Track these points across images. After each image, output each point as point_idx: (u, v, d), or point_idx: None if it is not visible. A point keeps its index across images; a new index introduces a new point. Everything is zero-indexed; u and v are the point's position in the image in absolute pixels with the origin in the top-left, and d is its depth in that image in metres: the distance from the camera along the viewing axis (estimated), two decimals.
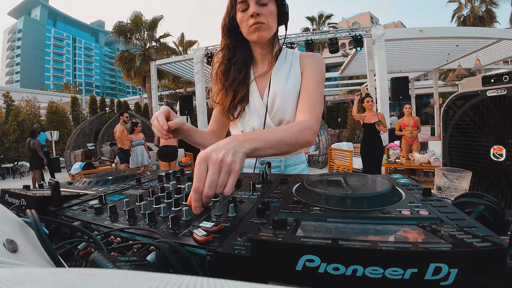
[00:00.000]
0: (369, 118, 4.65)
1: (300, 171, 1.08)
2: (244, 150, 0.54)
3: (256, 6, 0.86)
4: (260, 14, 0.87)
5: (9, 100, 11.62)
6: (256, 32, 0.89)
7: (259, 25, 0.87)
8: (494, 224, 0.47)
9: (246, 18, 0.89)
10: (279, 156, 1.04)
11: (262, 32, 0.90)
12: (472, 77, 1.55)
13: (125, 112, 6.33)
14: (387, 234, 0.37)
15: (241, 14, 0.90)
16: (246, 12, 0.88)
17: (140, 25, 15.58)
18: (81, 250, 0.40)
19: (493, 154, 1.18)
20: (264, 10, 0.87)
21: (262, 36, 0.90)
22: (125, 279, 0.14)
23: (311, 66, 0.98)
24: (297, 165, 1.08)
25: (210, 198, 0.47)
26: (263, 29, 0.89)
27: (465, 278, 0.25)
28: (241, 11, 0.89)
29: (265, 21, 0.88)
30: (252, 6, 0.86)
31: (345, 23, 54.13)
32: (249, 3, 0.87)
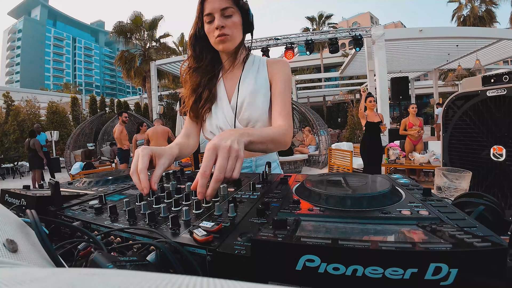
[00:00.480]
0: (372, 118, 4.63)
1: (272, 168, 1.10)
2: (244, 141, 0.59)
3: (220, 18, 0.92)
4: (225, 26, 0.92)
5: (9, 100, 11.62)
6: (221, 43, 0.95)
7: (224, 37, 0.93)
8: (494, 224, 0.47)
9: (212, 30, 0.94)
10: (250, 156, 1.09)
11: (227, 44, 0.96)
12: (472, 77, 1.55)
13: (124, 112, 6.34)
14: (387, 234, 0.37)
15: (208, 25, 0.95)
16: (212, 24, 0.94)
17: (140, 25, 15.57)
18: (81, 250, 0.40)
19: (493, 154, 1.18)
20: (229, 22, 0.93)
21: (227, 46, 0.97)
22: (125, 279, 0.14)
23: (280, 73, 1.04)
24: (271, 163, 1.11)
25: (219, 183, 0.50)
26: (228, 40, 0.95)
27: (465, 278, 0.25)
28: (207, 22, 0.95)
29: (229, 33, 0.94)
30: (217, 19, 0.91)
31: (345, 23, 54.13)
32: (214, 15, 0.92)
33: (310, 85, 22.50)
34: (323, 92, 21.88)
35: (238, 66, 1.07)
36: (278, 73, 1.04)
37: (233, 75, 1.07)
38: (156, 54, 15.50)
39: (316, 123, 8.15)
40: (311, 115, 8.40)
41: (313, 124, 8.30)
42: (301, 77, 19.11)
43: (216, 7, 0.91)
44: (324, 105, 21.13)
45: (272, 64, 1.06)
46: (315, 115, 8.60)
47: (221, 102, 1.05)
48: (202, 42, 1.01)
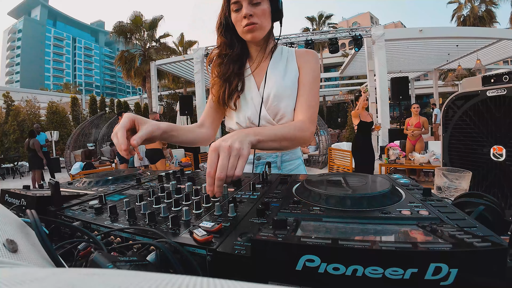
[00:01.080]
0: (365, 117, 4.65)
1: (296, 166, 1.10)
2: (249, 140, 0.60)
3: (248, 6, 0.88)
4: (253, 14, 0.88)
5: (9, 100, 11.62)
6: (250, 33, 0.91)
7: (252, 26, 0.89)
8: (494, 224, 0.47)
9: (240, 19, 0.90)
10: (276, 152, 1.06)
11: (256, 33, 0.92)
12: (472, 77, 1.55)
13: (124, 112, 6.34)
14: (387, 234, 0.37)
15: (235, 14, 0.91)
16: (240, 12, 0.89)
17: (140, 25, 15.57)
18: (81, 250, 0.40)
19: (493, 154, 1.18)
20: (257, 10, 0.89)
21: (255, 36, 0.93)
22: (125, 279, 0.14)
23: (309, 64, 1.00)
24: (293, 161, 1.09)
25: (223, 182, 0.53)
26: (256, 29, 0.91)
27: (465, 278, 0.25)
28: (234, 10, 0.91)
29: (258, 21, 0.89)
30: (245, 7, 0.87)
31: (345, 23, 54.13)
32: (242, 3, 0.88)
33: None
34: (323, 92, 21.89)
35: (266, 56, 1.03)
36: (307, 62, 1.00)
37: (261, 65, 1.03)
38: (156, 54, 15.50)
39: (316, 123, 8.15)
40: None
41: None
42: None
43: None
44: (324, 105, 21.13)
45: (301, 54, 1.03)
46: None
47: (250, 92, 1.01)
48: (230, 31, 0.97)
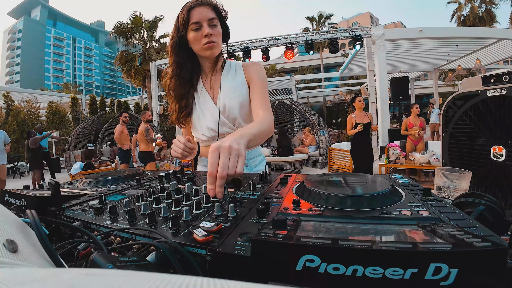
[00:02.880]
0: (361, 119, 4.64)
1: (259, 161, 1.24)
2: (244, 141, 0.66)
3: (209, 27, 1.01)
4: (212, 34, 1.02)
5: (9, 100, 11.62)
6: (209, 50, 1.04)
7: (212, 44, 1.03)
8: (494, 224, 0.47)
9: (200, 37, 1.02)
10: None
11: (214, 50, 1.05)
12: (472, 77, 1.55)
13: (124, 112, 6.34)
14: (387, 234, 0.37)
15: (194, 33, 1.02)
16: (199, 31, 1.02)
17: (140, 25, 15.55)
18: (81, 250, 0.40)
19: (493, 154, 1.18)
20: (214, 30, 1.03)
21: (214, 53, 1.06)
22: (125, 279, 0.14)
23: (256, 73, 1.16)
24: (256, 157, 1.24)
25: (224, 180, 0.55)
26: (215, 47, 1.04)
27: (465, 278, 0.25)
28: (193, 30, 1.02)
29: (216, 40, 1.03)
30: (205, 27, 1.01)
31: (345, 23, 54.12)
32: (202, 24, 1.01)
33: (310, 85, 22.51)
34: (323, 92, 21.88)
35: (218, 70, 1.17)
36: (254, 73, 1.16)
37: (214, 78, 1.16)
38: (156, 54, 15.49)
39: (316, 123, 8.15)
40: (311, 115, 8.40)
41: (313, 124, 8.30)
42: (301, 77, 19.11)
43: (203, 17, 1.00)
44: (324, 105, 21.13)
45: (248, 66, 1.19)
46: (315, 115, 8.60)
47: (207, 105, 1.14)
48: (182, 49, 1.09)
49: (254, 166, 1.21)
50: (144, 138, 5.27)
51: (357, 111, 4.74)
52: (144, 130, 5.28)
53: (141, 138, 5.36)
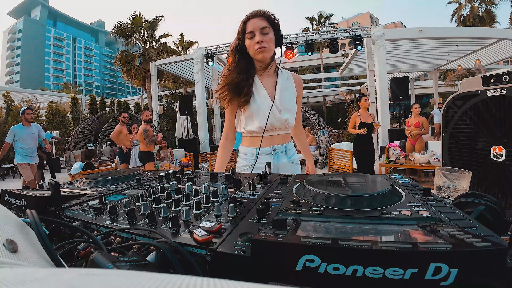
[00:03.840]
0: (365, 118, 4.65)
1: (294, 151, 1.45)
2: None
3: (260, 35, 1.19)
4: (264, 41, 1.19)
5: (9, 100, 11.62)
6: (261, 53, 1.21)
7: (263, 48, 1.20)
8: (494, 224, 0.47)
9: (253, 44, 1.21)
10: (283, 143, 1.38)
11: (265, 53, 1.22)
12: (472, 77, 1.55)
13: (123, 112, 6.34)
14: (387, 234, 0.37)
15: (249, 41, 1.22)
16: (253, 39, 1.20)
17: (140, 25, 15.54)
18: (81, 250, 0.40)
19: (493, 154, 1.18)
20: (266, 37, 1.20)
21: (265, 56, 1.23)
22: (125, 279, 0.14)
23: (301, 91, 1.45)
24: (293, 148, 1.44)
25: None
26: (266, 51, 1.21)
27: (465, 278, 0.25)
28: (249, 38, 1.22)
29: (267, 46, 1.20)
30: (257, 35, 1.19)
31: (345, 23, 54.10)
32: (255, 33, 1.20)
33: (310, 85, 22.51)
34: (323, 92, 21.87)
35: (271, 73, 1.34)
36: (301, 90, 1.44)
37: (268, 79, 1.33)
38: (156, 54, 15.48)
39: (316, 123, 8.15)
40: (311, 115, 8.40)
41: (313, 124, 8.30)
42: (301, 77, 19.10)
43: (256, 27, 1.19)
44: (324, 105, 21.12)
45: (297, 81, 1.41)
46: (315, 115, 8.60)
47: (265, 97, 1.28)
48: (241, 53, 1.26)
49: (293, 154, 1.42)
50: (143, 139, 5.27)
51: (362, 111, 4.74)
52: (143, 131, 5.28)
53: (141, 139, 5.37)
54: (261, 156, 1.32)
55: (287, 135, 1.40)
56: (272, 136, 1.33)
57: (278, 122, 1.28)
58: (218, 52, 8.70)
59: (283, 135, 1.36)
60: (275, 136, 1.34)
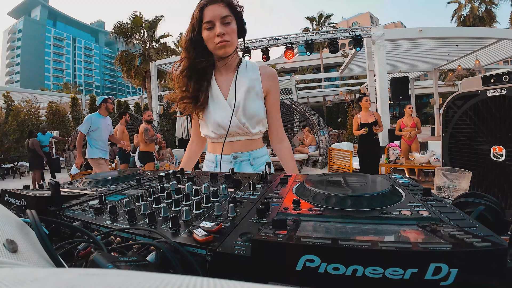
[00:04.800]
0: (366, 118, 4.66)
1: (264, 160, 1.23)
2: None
3: (221, 26, 0.99)
4: (225, 33, 1.00)
5: (9, 100, 11.63)
6: (222, 48, 1.03)
7: (225, 43, 1.01)
8: (494, 224, 0.47)
9: (213, 36, 1.01)
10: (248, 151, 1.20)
11: (227, 49, 1.04)
12: (472, 77, 1.55)
13: (126, 112, 6.34)
14: (387, 234, 0.37)
15: (207, 32, 1.02)
16: (212, 30, 1.01)
17: (140, 25, 15.56)
18: (81, 250, 0.40)
19: (493, 154, 1.18)
20: (228, 29, 1.01)
21: (227, 51, 1.05)
22: (125, 279, 0.14)
23: (274, 87, 1.20)
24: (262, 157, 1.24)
25: None
26: (228, 46, 1.03)
27: (465, 278, 0.25)
28: (206, 29, 1.02)
29: (229, 39, 1.02)
30: (218, 26, 0.99)
31: (345, 23, 54.14)
32: (215, 23, 0.99)
33: (310, 85, 22.52)
34: (323, 92, 21.88)
35: (232, 68, 1.15)
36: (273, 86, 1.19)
37: (227, 76, 1.15)
38: (156, 54, 15.49)
39: (316, 123, 8.15)
40: (311, 115, 8.40)
41: (313, 124, 8.30)
42: (301, 77, 19.11)
43: (216, 15, 0.98)
44: (324, 105, 21.13)
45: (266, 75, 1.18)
46: (315, 115, 8.60)
47: (218, 101, 1.13)
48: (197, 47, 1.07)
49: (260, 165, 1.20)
50: (144, 138, 5.27)
51: (363, 111, 4.75)
52: (143, 130, 5.28)
53: (141, 138, 5.37)
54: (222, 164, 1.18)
55: (253, 141, 1.19)
56: (231, 142, 1.17)
57: (235, 126, 1.11)
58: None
59: (245, 141, 1.18)
60: (235, 143, 1.17)
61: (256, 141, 1.21)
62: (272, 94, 1.19)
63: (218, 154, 1.18)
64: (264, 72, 1.18)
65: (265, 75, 1.18)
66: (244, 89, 1.11)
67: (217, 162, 1.19)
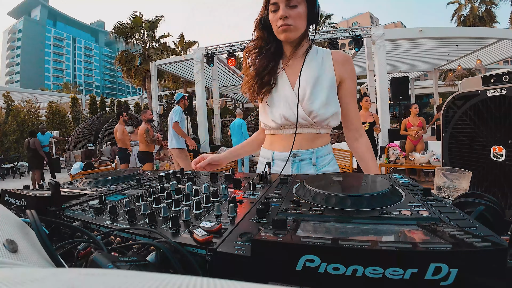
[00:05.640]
0: (365, 118, 4.67)
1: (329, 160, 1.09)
2: None
3: (285, 9, 0.92)
4: (289, 16, 0.92)
5: (9, 100, 11.63)
6: (284, 33, 0.96)
7: (286, 27, 0.94)
8: (494, 224, 0.47)
9: (276, 19, 0.95)
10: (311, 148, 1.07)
11: (289, 33, 0.96)
12: (472, 77, 1.55)
13: (124, 111, 6.33)
14: (387, 234, 0.37)
15: (272, 14, 0.96)
16: (277, 13, 0.94)
17: (140, 25, 15.57)
18: (81, 250, 0.40)
19: (493, 154, 1.18)
20: (293, 12, 0.93)
21: (288, 36, 0.97)
22: (125, 279, 0.14)
23: (351, 73, 1.06)
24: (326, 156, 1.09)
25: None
26: (290, 30, 0.95)
27: (465, 278, 0.25)
28: (272, 11, 0.96)
29: (292, 23, 0.93)
30: (282, 9, 0.92)
31: (345, 23, 54.16)
32: (279, 5, 0.93)
33: None
34: None
35: (300, 56, 1.05)
36: (349, 72, 1.05)
37: (294, 64, 1.06)
38: (156, 54, 15.50)
39: None
40: None
41: None
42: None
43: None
44: None
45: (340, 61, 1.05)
46: None
47: (284, 90, 1.04)
48: (265, 29, 1.02)
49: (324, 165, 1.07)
50: (144, 139, 5.26)
51: (362, 111, 4.77)
52: (144, 130, 5.27)
53: (141, 139, 5.35)
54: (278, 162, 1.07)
55: (317, 136, 1.05)
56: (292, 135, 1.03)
57: (299, 117, 1.00)
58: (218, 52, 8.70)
59: (309, 135, 1.04)
60: (297, 136, 1.03)
61: (321, 137, 1.07)
62: (347, 82, 1.05)
63: (276, 150, 1.08)
64: (337, 57, 1.05)
65: (339, 60, 1.05)
66: (313, 77, 1.00)
67: (275, 160, 1.08)
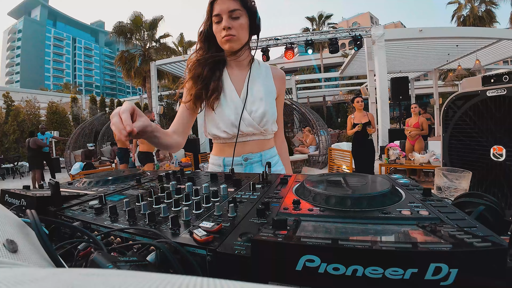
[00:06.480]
0: (359, 119, 4.67)
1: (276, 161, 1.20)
2: None
3: (228, 20, 0.98)
4: (232, 27, 0.98)
5: (9, 100, 11.63)
6: (228, 43, 1.01)
7: (230, 37, 0.99)
8: (494, 224, 0.47)
9: (220, 30, 1.00)
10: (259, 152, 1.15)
11: (233, 43, 1.01)
12: (472, 77, 1.55)
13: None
14: (387, 234, 0.37)
15: (216, 25, 1.01)
16: (220, 24, 0.99)
17: (140, 25, 15.56)
18: (81, 250, 0.40)
19: (493, 154, 1.18)
20: (235, 23, 0.99)
21: (232, 46, 1.02)
22: (125, 279, 0.14)
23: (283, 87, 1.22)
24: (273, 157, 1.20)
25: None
26: (233, 40, 1.00)
27: (465, 278, 0.25)
28: (215, 22, 1.01)
29: (235, 33, 0.99)
30: (225, 20, 0.97)
31: (345, 23, 54.14)
32: (222, 16, 0.98)
33: (310, 85, 22.52)
34: (323, 92, 21.88)
35: (243, 66, 1.13)
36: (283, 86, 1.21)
37: (239, 73, 1.13)
38: (156, 54, 15.50)
39: (316, 123, 8.15)
40: (311, 115, 8.41)
41: (313, 124, 8.30)
42: (301, 77, 19.10)
43: (224, 9, 0.97)
44: (324, 105, 21.12)
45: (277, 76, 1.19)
46: (315, 115, 8.60)
47: (231, 96, 1.09)
48: (210, 40, 1.06)
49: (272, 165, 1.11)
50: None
51: (356, 112, 4.79)
52: None
53: (142, 139, 5.33)
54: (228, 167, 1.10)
55: (265, 141, 1.14)
56: (243, 143, 1.10)
57: (249, 125, 1.06)
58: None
59: (258, 141, 1.12)
60: (247, 143, 1.11)
61: (268, 142, 1.17)
62: (280, 96, 1.19)
63: (227, 156, 1.11)
64: (275, 73, 1.19)
65: (276, 76, 1.18)
66: (259, 87, 1.10)
67: (226, 165, 1.12)
